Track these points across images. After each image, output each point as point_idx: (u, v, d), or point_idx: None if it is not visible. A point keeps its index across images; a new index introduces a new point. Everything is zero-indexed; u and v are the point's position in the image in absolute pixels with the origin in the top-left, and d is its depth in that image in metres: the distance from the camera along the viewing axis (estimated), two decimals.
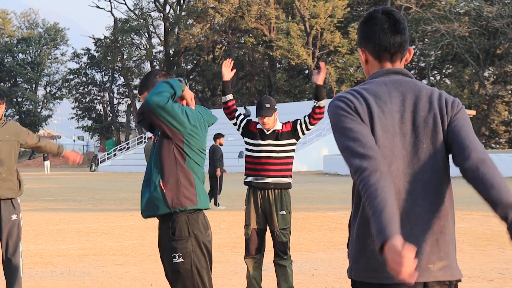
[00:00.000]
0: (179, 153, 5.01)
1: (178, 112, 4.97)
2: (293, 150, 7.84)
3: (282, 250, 7.67)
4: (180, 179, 5.00)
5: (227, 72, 7.80)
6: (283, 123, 7.84)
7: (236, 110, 7.99)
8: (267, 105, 7.69)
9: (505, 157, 39.22)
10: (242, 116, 7.93)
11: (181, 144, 5.00)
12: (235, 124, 7.90)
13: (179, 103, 5.12)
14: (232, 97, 7.93)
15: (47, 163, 63.63)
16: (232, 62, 7.88)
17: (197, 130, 5.08)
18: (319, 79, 7.72)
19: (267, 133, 7.73)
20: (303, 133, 7.77)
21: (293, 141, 7.77)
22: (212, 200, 20.50)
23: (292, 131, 7.74)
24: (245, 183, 7.84)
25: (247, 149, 7.87)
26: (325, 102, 7.65)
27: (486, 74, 72.36)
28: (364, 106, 3.07)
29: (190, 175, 5.03)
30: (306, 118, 7.72)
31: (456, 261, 3.16)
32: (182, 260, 4.97)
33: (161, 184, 5.00)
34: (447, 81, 76.53)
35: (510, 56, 69.10)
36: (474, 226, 15.42)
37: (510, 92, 76.83)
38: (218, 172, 20.76)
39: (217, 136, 21.04)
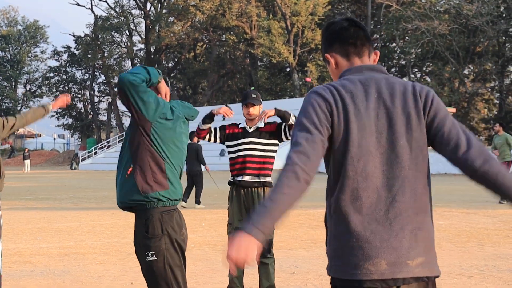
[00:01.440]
0: (148, 141, 5.01)
1: (149, 96, 4.98)
2: (275, 151, 7.84)
3: (265, 249, 7.67)
4: (150, 163, 5.00)
5: (224, 112, 7.75)
6: (266, 123, 7.82)
7: (209, 132, 7.90)
8: (254, 95, 7.72)
9: None
10: (213, 131, 7.88)
11: (149, 132, 5.00)
12: (209, 140, 7.86)
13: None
14: (209, 127, 7.85)
15: (27, 161, 63.31)
16: (232, 113, 7.83)
17: (169, 122, 5.07)
18: (268, 116, 7.67)
19: (250, 131, 7.74)
20: (287, 138, 7.71)
21: (276, 141, 7.77)
22: (187, 199, 20.48)
23: (276, 133, 7.73)
24: (229, 183, 7.85)
25: (229, 152, 7.84)
26: (293, 119, 7.58)
27: (466, 72, 72.68)
28: (340, 105, 3.09)
29: (161, 162, 5.02)
30: (286, 128, 7.69)
31: (435, 257, 3.18)
32: (155, 258, 4.97)
33: (129, 169, 5.01)
34: (428, 78, 76.80)
35: (489, 54, 69.47)
36: (454, 223, 15.50)
37: (489, 90, 77.22)
38: (208, 168, 20.92)
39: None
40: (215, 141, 7.86)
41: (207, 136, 7.82)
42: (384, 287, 3.03)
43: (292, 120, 7.56)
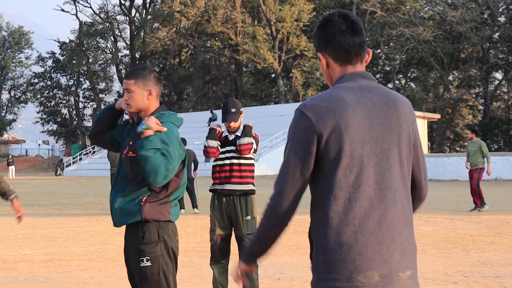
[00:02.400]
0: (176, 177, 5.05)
1: (177, 162, 4.96)
2: (253, 158, 7.88)
3: None
4: (160, 198, 4.99)
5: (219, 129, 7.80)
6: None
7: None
8: (233, 110, 7.69)
9: None
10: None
11: (180, 171, 5.06)
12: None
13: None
14: (218, 144, 7.85)
15: (11, 167, 63.18)
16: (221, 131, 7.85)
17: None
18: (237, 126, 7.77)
19: (230, 139, 7.75)
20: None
21: (254, 147, 7.79)
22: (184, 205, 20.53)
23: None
24: (211, 190, 7.84)
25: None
26: (246, 141, 7.68)
27: (450, 78, 73.03)
28: (330, 118, 3.04)
29: (171, 193, 5.04)
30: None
31: (417, 271, 3.18)
32: (150, 264, 4.96)
33: (143, 199, 4.98)
34: (412, 85, 77.13)
35: (473, 60, 69.81)
36: (439, 229, 15.53)
37: (474, 96, 77.56)
38: (196, 173, 21.16)
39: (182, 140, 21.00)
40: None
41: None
42: None
43: (243, 141, 7.68)
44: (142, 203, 4.95)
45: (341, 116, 3.05)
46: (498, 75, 78.29)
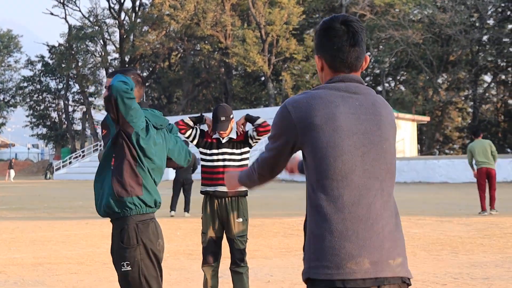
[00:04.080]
0: (129, 149, 5.04)
1: (135, 103, 5.00)
2: (248, 158, 7.86)
3: (239, 258, 7.67)
4: (127, 171, 5.02)
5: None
6: (237, 134, 7.87)
7: (190, 128, 7.90)
8: (223, 118, 7.67)
9: (459, 162, 39.69)
10: (195, 130, 7.88)
11: (132, 139, 5.04)
12: (188, 136, 7.82)
13: None
14: (190, 126, 7.86)
15: (12, 171, 64.47)
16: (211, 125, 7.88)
17: (151, 132, 5.10)
18: (240, 125, 7.78)
19: (223, 141, 7.75)
20: (254, 143, 7.80)
21: (247, 149, 7.80)
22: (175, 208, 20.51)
23: (245, 140, 7.77)
24: (202, 192, 7.83)
25: (202, 159, 7.83)
26: (262, 119, 7.76)
27: (439, 80, 73.23)
28: (309, 112, 3.13)
29: (137, 170, 5.06)
30: (254, 133, 7.73)
31: (407, 260, 3.21)
32: (130, 268, 4.95)
33: (112, 179, 5.02)
34: (402, 87, 77.30)
35: (463, 63, 70.03)
36: (428, 231, 15.58)
37: (463, 98, 77.80)
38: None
39: None
40: (192, 140, 7.81)
41: (188, 132, 7.78)
42: (367, 286, 3.03)
43: (259, 121, 7.69)
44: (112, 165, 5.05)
45: (322, 110, 3.13)
46: (487, 78, 78.65)
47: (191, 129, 7.80)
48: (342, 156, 3.08)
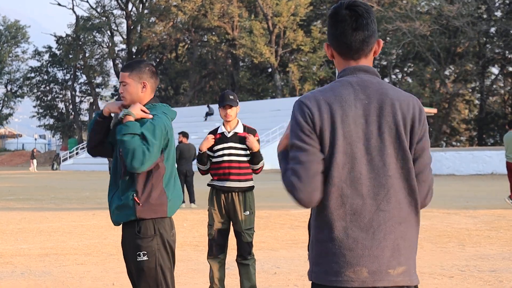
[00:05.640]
0: (157, 167, 5.00)
1: (157, 148, 4.91)
2: None
3: (246, 250, 7.67)
4: (152, 193, 4.98)
5: (206, 145, 7.78)
6: (245, 126, 7.86)
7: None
8: (231, 97, 7.71)
9: (466, 154, 39.66)
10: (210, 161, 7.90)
11: (161, 161, 5.02)
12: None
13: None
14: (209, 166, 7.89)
15: (34, 161, 65.41)
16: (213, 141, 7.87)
17: (169, 139, 5.07)
18: (252, 147, 7.72)
19: (228, 135, 7.73)
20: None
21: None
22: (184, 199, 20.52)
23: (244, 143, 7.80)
24: (209, 185, 7.83)
25: (210, 156, 7.81)
26: (261, 164, 7.82)
27: (447, 72, 73.11)
28: (325, 112, 3.06)
29: (163, 190, 5.03)
30: (252, 159, 7.80)
31: (415, 266, 3.17)
32: (147, 258, 4.96)
33: (135, 198, 4.97)
34: (409, 79, 77.21)
35: (470, 55, 69.89)
36: (435, 223, 15.56)
37: (470, 90, 77.66)
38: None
39: (184, 134, 20.96)
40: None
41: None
42: None
43: (257, 166, 7.80)
44: (136, 200, 4.95)
45: (336, 112, 3.05)
46: (495, 70, 78.47)
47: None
48: (350, 163, 3.04)
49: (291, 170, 3.06)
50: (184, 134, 20.94)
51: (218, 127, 7.91)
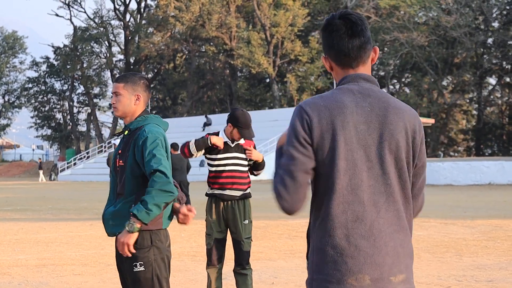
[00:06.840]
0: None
1: (166, 172, 4.94)
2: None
3: (244, 260, 7.67)
4: None
5: (218, 143, 7.76)
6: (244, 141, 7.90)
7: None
8: (249, 130, 7.75)
9: (463, 165, 39.68)
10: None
11: None
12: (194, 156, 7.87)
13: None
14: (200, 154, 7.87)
15: (41, 172, 65.42)
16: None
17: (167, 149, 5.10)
18: (258, 159, 7.78)
19: (232, 145, 7.74)
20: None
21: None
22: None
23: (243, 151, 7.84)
24: (208, 194, 7.81)
25: (210, 164, 7.80)
26: (262, 171, 7.95)
27: (444, 83, 73.24)
28: (325, 120, 3.06)
29: None
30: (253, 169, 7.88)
31: (413, 275, 3.18)
32: (144, 269, 4.96)
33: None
34: (406, 89, 77.32)
35: (467, 65, 70.03)
36: (432, 233, 15.57)
37: (468, 101, 77.76)
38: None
39: (172, 145, 20.90)
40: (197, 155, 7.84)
41: (196, 154, 7.81)
42: None
43: (258, 173, 7.94)
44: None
45: (337, 117, 3.06)
46: (492, 80, 78.61)
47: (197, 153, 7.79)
48: (350, 170, 3.04)
49: (279, 178, 3.08)
50: (173, 145, 20.94)
51: (218, 132, 7.91)
